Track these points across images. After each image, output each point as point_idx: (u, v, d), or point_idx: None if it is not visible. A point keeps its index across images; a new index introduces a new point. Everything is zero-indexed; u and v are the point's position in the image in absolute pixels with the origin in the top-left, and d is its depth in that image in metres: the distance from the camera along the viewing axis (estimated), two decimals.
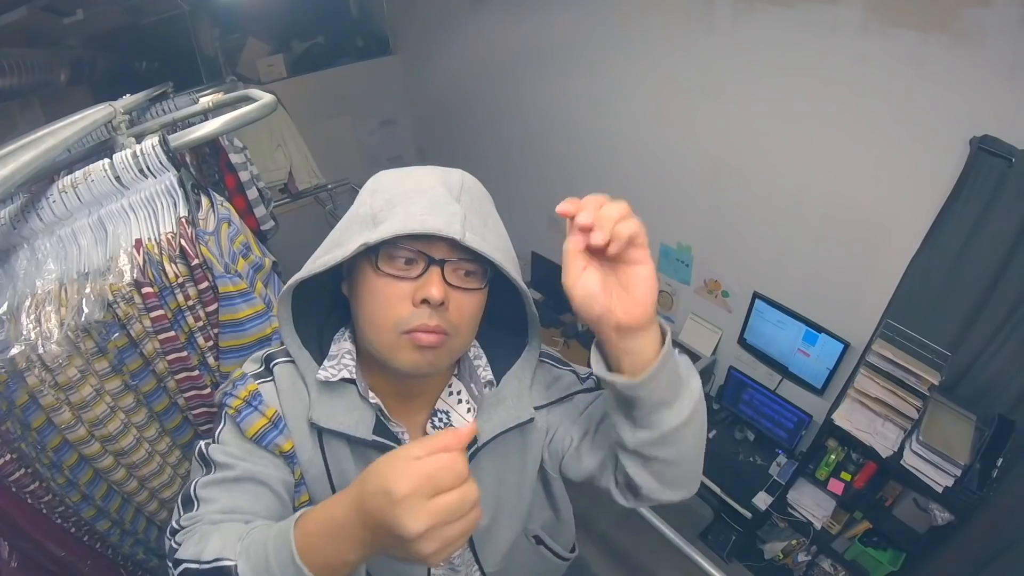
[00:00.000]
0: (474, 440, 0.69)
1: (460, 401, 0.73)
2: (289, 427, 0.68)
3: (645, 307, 0.54)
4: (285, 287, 0.63)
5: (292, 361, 0.70)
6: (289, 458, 0.68)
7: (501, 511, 0.77)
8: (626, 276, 0.54)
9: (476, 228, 0.60)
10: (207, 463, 0.65)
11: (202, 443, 0.66)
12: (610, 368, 0.58)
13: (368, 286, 0.61)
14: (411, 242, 0.59)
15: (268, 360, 0.71)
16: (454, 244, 0.58)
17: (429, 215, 0.58)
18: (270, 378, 0.70)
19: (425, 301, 0.59)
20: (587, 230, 0.51)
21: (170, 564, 0.55)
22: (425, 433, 0.72)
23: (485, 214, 0.64)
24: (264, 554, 0.50)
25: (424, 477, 0.43)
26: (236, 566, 0.51)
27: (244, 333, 1.04)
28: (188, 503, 0.61)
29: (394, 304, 0.60)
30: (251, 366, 0.72)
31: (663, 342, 0.56)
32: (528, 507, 0.81)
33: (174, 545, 0.57)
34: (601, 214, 0.51)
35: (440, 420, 0.73)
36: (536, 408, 0.74)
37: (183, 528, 0.58)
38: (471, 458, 0.70)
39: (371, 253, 0.60)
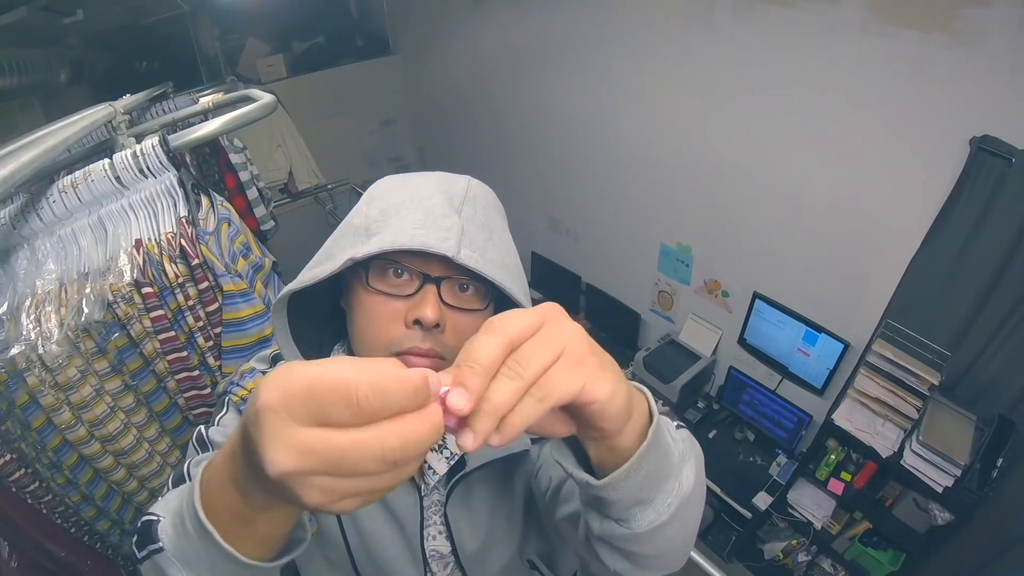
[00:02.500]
0: (462, 465, 0.66)
1: None
2: None
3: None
4: (278, 297, 0.60)
5: None
6: None
7: (495, 536, 0.74)
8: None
9: (476, 243, 0.54)
10: (204, 445, 0.62)
11: (201, 427, 0.65)
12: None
13: (359, 302, 0.57)
14: (404, 257, 0.54)
15: (275, 360, 0.71)
16: (453, 261, 0.53)
17: (422, 229, 0.53)
18: None
19: (418, 322, 0.53)
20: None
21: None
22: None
23: (491, 227, 0.59)
24: (180, 503, 0.43)
25: (303, 388, 0.29)
26: (159, 520, 0.45)
27: (245, 333, 1.04)
28: (180, 481, 0.56)
29: (385, 324, 0.55)
30: (259, 364, 0.71)
31: (649, 422, 0.43)
32: (521, 532, 0.77)
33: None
34: (488, 398, 0.33)
35: (436, 443, 0.69)
36: (536, 439, 0.69)
37: None
38: (459, 483, 0.67)
39: (362, 268, 0.55)
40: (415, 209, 0.55)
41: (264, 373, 0.69)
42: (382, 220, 0.55)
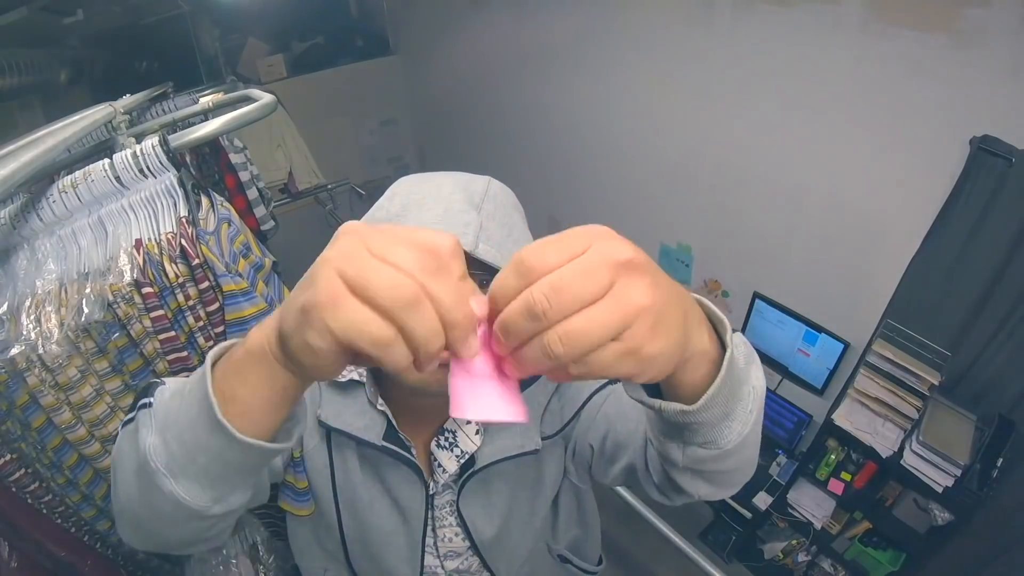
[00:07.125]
0: (472, 463, 0.68)
1: (469, 422, 0.70)
2: None
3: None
4: None
5: None
6: None
7: (511, 523, 0.75)
8: None
9: (495, 239, 0.56)
10: None
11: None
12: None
13: None
14: None
15: None
16: (471, 256, 0.54)
17: (441, 224, 0.55)
18: None
19: None
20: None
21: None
22: (429, 450, 0.70)
23: (510, 224, 0.61)
24: (185, 380, 0.44)
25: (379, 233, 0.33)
26: (163, 384, 0.46)
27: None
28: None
29: None
30: None
31: (722, 346, 0.42)
32: (543, 520, 0.78)
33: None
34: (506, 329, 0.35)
35: (446, 439, 0.70)
36: (551, 435, 0.71)
37: None
38: (469, 479, 0.68)
39: None
40: (435, 205, 0.57)
41: None
42: (402, 215, 0.57)
